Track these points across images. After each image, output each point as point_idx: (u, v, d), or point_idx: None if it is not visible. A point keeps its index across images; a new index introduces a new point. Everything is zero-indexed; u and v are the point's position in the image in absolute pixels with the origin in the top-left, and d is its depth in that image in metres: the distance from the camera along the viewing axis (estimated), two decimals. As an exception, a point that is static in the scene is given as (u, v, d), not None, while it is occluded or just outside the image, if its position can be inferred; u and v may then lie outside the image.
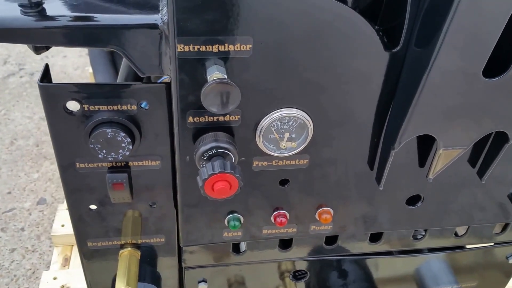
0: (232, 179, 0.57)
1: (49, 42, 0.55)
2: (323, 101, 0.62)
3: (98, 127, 0.65)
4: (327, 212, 0.74)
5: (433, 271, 1.04)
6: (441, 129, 0.63)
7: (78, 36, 0.54)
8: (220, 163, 0.57)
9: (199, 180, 0.58)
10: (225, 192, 0.58)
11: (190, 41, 0.53)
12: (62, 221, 1.39)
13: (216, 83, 0.51)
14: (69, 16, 0.55)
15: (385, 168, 0.67)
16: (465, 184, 0.77)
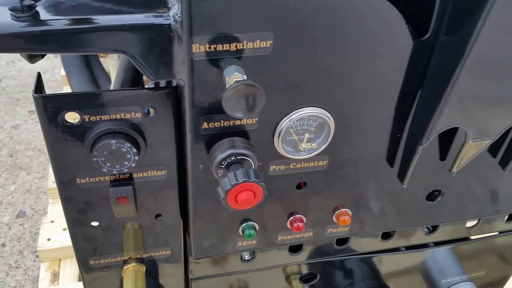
0: (256, 188, 0.53)
1: (47, 49, 0.49)
2: (345, 97, 0.58)
3: (100, 139, 0.59)
4: (346, 214, 0.71)
5: (440, 264, 1.02)
6: (471, 120, 0.59)
7: (80, 40, 0.49)
8: (243, 172, 0.52)
9: (221, 191, 0.53)
10: (250, 203, 0.53)
11: (205, 40, 0.49)
12: (47, 234, 1.32)
13: (241, 86, 0.47)
14: (68, 19, 0.49)
15: (411, 165, 0.63)
16: (486, 175, 0.75)
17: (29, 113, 2.04)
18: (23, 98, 2.11)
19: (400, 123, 0.63)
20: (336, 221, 0.71)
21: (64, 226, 1.34)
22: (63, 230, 1.34)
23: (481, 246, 1.01)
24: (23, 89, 2.17)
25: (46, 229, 1.34)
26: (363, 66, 0.56)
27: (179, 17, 0.48)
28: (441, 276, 1.04)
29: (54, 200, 1.48)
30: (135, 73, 0.73)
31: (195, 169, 0.59)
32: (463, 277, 1.05)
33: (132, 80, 0.74)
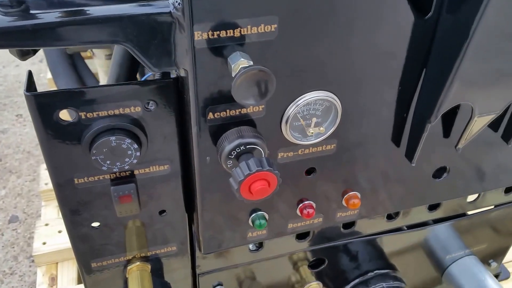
0: (270, 177, 0.51)
1: (41, 44, 0.46)
2: (351, 78, 0.56)
3: (99, 136, 0.57)
4: (355, 197, 0.69)
5: (443, 241, 1.02)
6: (478, 96, 0.58)
7: (75, 33, 0.46)
8: (256, 161, 0.50)
9: (234, 182, 0.51)
10: (264, 192, 0.51)
11: (208, 27, 0.46)
12: (42, 238, 1.29)
13: (250, 72, 0.44)
14: (61, 11, 0.46)
15: (419, 143, 0.62)
16: (489, 149, 0.74)
17: (17, 117, 1.99)
18: (10, 103, 2.07)
19: (406, 103, 0.62)
20: (346, 205, 0.70)
21: (59, 228, 1.30)
22: (58, 232, 1.30)
23: (480, 220, 1.01)
24: (9, 94, 2.12)
25: (41, 232, 1.31)
26: (368, 46, 0.54)
27: (179, 4, 0.45)
28: (445, 252, 1.04)
29: (47, 202, 1.44)
30: (130, 68, 0.70)
31: (201, 162, 0.57)
32: (466, 252, 1.05)
33: (127, 75, 0.71)
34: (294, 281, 0.92)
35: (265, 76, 0.45)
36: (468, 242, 1.04)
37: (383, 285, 0.98)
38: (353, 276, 0.98)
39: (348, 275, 0.98)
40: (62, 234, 1.30)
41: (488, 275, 1.03)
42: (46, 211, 1.42)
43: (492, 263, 1.12)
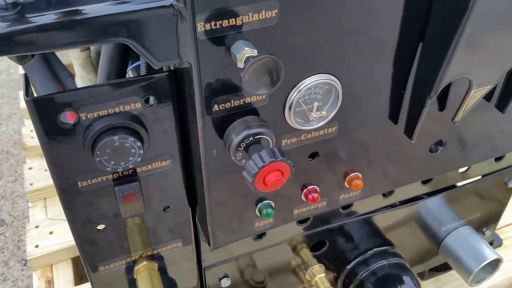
0: (283, 167, 0.51)
1: (41, 47, 0.45)
2: (349, 58, 0.56)
3: (101, 137, 0.56)
4: (357, 178, 0.70)
5: (437, 214, 1.04)
6: (476, 68, 0.59)
7: (78, 33, 0.44)
8: (268, 152, 0.50)
9: (248, 176, 0.51)
10: (279, 183, 0.51)
11: (211, 17, 0.45)
12: (34, 241, 1.26)
13: (260, 61, 0.44)
14: (58, 12, 0.44)
15: (419, 119, 0.62)
16: (482, 119, 0.75)
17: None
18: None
19: (403, 79, 0.62)
20: (349, 186, 0.70)
21: (50, 229, 1.28)
22: (50, 234, 1.28)
23: (472, 190, 1.03)
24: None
25: (32, 235, 1.28)
26: (365, 23, 0.54)
27: (181, -4, 0.44)
28: (440, 225, 1.06)
29: (34, 203, 1.41)
30: (120, 62, 0.69)
31: (208, 155, 0.56)
32: (460, 222, 1.07)
33: (119, 70, 0.69)
34: (297, 266, 0.93)
35: (274, 64, 0.45)
36: (461, 213, 1.06)
37: (384, 262, 0.99)
38: (353, 255, 0.99)
39: (348, 255, 0.99)
40: (54, 236, 1.28)
41: (483, 243, 1.05)
42: (34, 213, 1.39)
43: (486, 232, 1.14)
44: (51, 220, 1.30)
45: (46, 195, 1.41)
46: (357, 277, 0.99)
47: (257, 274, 0.88)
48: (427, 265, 1.16)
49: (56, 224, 1.29)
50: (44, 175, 1.43)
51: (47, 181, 1.40)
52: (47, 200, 1.41)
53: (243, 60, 0.47)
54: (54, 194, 1.41)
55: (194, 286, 0.84)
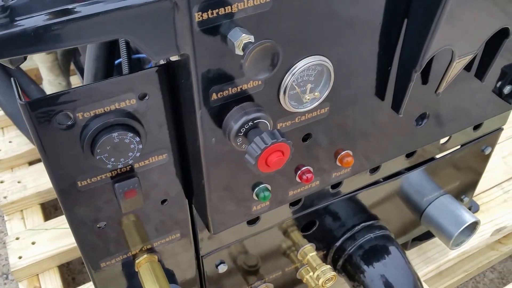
0: (284, 147, 0.52)
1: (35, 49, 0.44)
2: (339, 38, 0.58)
3: (100, 135, 0.56)
4: (348, 155, 0.72)
5: (418, 185, 1.07)
6: (458, 39, 0.61)
7: (74, 33, 0.44)
8: (269, 134, 0.51)
9: (250, 158, 0.52)
10: (281, 162, 0.53)
11: (207, 6, 0.46)
12: (17, 253, 1.24)
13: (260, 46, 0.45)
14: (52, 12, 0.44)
15: (406, 93, 0.65)
16: (462, 90, 0.78)
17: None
18: None
19: (390, 55, 0.64)
20: (340, 164, 0.72)
21: (32, 240, 1.26)
22: (32, 244, 1.26)
23: (451, 161, 1.07)
24: None
25: (13, 247, 1.26)
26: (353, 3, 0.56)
27: (177, -13, 0.45)
28: (421, 196, 1.10)
29: (10, 216, 1.39)
30: (107, 60, 0.68)
31: (207, 144, 0.57)
32: (440, 192, 1.11)
33: (106, 68, 0.69)
34: (288, 247, 0.95)
35: (272, 48, 0.46)
36: (441, 182, 1.10)
37: (371, 235, 1.02)
38: (340, 232, 1.02)
39: (336, 233, 1.01)
40: (37, 245, 1.26)
41: (462, 209, 1.10)
42: (11, 226, 1.36)
43: (465, 198, 1.19)
44: (31, 230, 1.28)
45: (22, 207, 1.39)
46: (346, 252, 1.02)
47: (252, 258, 0.90)
48: (410, 236, 1.20)
49: (38, 234, 1.27)
50: (17, 187, 1.40)
51: (22, 193, 1.38)
52: (24, 212, 1.38)
53: (241, 47, 0.48)
54: (31, 205, 1.39)
55: (193, 274, 0.85)
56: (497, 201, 1.36)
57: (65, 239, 1.26)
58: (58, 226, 1.30)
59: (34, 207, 1.39)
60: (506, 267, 1.43)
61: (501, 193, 1.38)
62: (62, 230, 1.29)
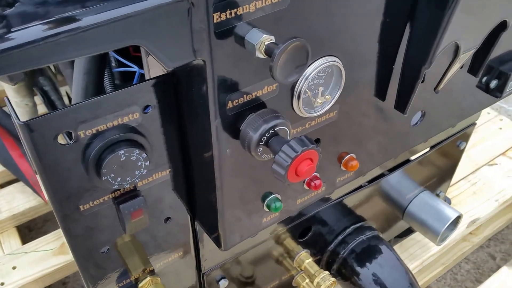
0: (313, 154, 0.46)
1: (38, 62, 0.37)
2: (350, 38, 0.53)
3: (106, 153, 0.48)
4: (352, 159, 0.67)
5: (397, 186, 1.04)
6: (464, 34, 0.58)
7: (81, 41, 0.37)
8: (298, 141, 0.45)
9: (280, 169, 0.46)
10: (311, 170, 0.47)
11: (226, 5, 0.40)
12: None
13: (291, 45, 0.39)
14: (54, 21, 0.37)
15: (413, 91, 0.60)
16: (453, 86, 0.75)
17: None
18: None
19: (393, 54, 0.60)
20: (345, 169, 0.67)
21: (12, 264, 1.15)
22: (13, 269, 1.14)
23: (429, 158, 1.04)
24: None
25: (-10, 276, 1.14)
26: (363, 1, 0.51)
27: (195, -16, 0.38)
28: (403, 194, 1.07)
29: (-14, 242, 1.26)
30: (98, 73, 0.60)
31: (222, 156, 0.51)
32: (420, 189, 1.09)
33: (97, 82, 0.61)
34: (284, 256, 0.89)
35: (302, 46, 0.40)
36: (420, 180, 1.07)
37: (363, 237, 0.98)
38: (333, 236, 0.97)
39: (328, 237, 0.97)
40: (18, 270, 1.14)
41: (445, 205, 1.08)
42: (-11, 252, 1.24)
43: (441, 194, 1.17)
44: (11, 255, 1.16)
45: (-3, 231, 1.27)
46: (340, 256, 0.97)
47: (251, 270, 0.83)
48: (393, 234, 1.17)
49: (18, 258, 1.16)
50: (-11, 212, 1.28)
51: (-4, 217, 1.26)
52: (0, 236, 1.26)
53: (263, 49, 0.42)
54: (6, 229, 1.27)
55: (195, 292, 0.78)
56: (467, 194, 1.35)
57: (46, 262, 1.15)
58: (38, 249, 1.19)
59: (10, 230, 1.27)
60: (479, 257, 1.42)
61: (469, 185, 1.37)
62: (42, 252, 1.18)
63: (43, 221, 1.40)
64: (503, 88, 0.81)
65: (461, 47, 0.59)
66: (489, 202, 1.32)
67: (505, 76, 0.80)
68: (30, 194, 1.21)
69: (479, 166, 1.41)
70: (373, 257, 0.97)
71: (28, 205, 1.21)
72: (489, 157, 1.44)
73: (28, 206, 1.21)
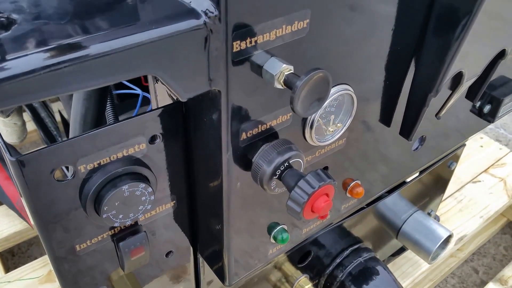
0: (329, 189, 0.42)
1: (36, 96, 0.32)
2: (362, 65, 0.50)
3: (107, 189, 0.43)
4: (357, 186, 0.63)
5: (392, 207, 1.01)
6: (470, 63, 0.55)
7: (87, 72, 0.32)
8: (315, 176, 0.41)
9: (295, 205, 0.41)
10: (329, 206, 0.43)
11: (246, 33, 0.36)
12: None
13: (312, 78, 0.35)
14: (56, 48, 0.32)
15: (419, 118, 0.57)
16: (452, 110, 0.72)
17: None
18: None
19: (400, 82, 0.57)
20: (350, 195, 0.63)
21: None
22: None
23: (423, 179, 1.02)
24: None
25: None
26: (375, 31, 0.48)
27: (214, 13, 0.34)
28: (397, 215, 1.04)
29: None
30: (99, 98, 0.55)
31: (231, 189, 0.46)
32: (413, 209, 1.06)
33: (98, 108, 0.55)
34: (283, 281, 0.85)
35: (324, 78, 0.36)
36: (413, 200, 1.05)
37: (360, 259, 0.94)
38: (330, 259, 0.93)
39: (326, 260, 0.92)
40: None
41: (437, 224, 1.05)
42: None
43: (432, 212, 1.14)
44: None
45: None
46: (338, 279, 0.93)
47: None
48: (387, 253, 1.14)
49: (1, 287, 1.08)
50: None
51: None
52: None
53: (282, 79, 0.38)
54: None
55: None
56: (454, 211, 1.33)
57: (31, 291, 1.07)
58: (23, 277, 1.11)
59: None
60: (463, 271, 1.40)
61: (455, 203, 1.36)
62: (28, 280, 1.10)
63: (27, 245, 1.32)
64: (495, 113, 0.79)
65: (465, 75, 0.56)
66: (474, 219, 1.31)
67: (497, 101, 0.78)
68: (16, 218, 1.13)
69: (464, 184, 1.40)
70: (371, 279, 0.93)
71: (13, 230, 1.13)
72: (473, 174, 1.42)
73: (13, 230, 1.13)
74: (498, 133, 1.80)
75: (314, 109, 0.37)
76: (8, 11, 0.33)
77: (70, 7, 0.33)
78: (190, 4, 0.35)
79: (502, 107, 0.80)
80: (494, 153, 1.48)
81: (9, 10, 0.34)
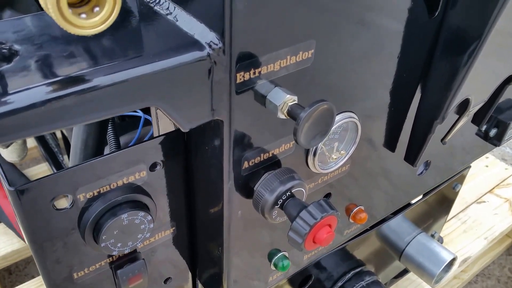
0: (332, 220, 0.42)
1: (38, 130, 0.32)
2: (365, 94, 0.50)
3: (106, 217, 0.43)
4: (360, 211, 0.62)
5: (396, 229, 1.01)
6: (476, 89, 0.55)
7: (90, 105, 0.32)
8: (317, 206, 0.41)
9: (297, 236, 0.41)
10: (331, 238, 0.42)
11: (250, 65, 0.36)
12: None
13: (316, 110, 0.35)
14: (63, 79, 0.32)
15: (425, 144, 0.57)
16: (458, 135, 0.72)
17: None
18: None
19: (405, 109, 0.56)
20: (353, 221, 0.63)
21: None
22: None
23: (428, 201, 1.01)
24: None
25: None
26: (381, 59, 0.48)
27: (218, 45, 0.34)
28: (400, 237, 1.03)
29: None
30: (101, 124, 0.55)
31: (232, 218, 0.46)
32: (417, 231, 1.05)
33: (98, 134, 0.55)
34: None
35: (328, 109, 0.36)
36: (418, 222, 1.04)
37: (363, 283, 0.93)
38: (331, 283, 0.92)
39: (327, 283, 0.91)
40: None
41: (440, 247, 1.04)
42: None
43: (435, 234, 1.14)
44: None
45: None
46: (340, 303, 0.92)
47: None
48: (390, 275, 1.13)
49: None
50: None
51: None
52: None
53: (286, 110, 0.38)
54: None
55: None
56: (458, 232, 1.32)
57: (28, 311, 1.06)
58: (18, 297, 1.10)
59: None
60: (466, 293, 1.39)
61: (459, 224, 1.35)
62: (24, 301, 1.09)
63: (24, 263, 1.31)
64: (501, 136, 0.79)
65: (471, 102, 0.56)
66: (479, 240, 1.30)
67: (503, 125, 0.78)
68: (14, 237, 1.13)
69: (468, 204, 1.39)
70: (372, 303, 0.92)
71: (10, 248, 1.12)
72: (478, 195, 1.42)
73: (10, 249, 1.12)
74: (504, 152, 1.79)
75: (317, 141, 0.37)
76: (11, 42, 0.33)
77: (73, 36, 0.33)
78: (194, 36, 0.35)
79: (509, 131, 0.79)
80: (499, 173, 1.47)
81: (11, 41, 0.34)
